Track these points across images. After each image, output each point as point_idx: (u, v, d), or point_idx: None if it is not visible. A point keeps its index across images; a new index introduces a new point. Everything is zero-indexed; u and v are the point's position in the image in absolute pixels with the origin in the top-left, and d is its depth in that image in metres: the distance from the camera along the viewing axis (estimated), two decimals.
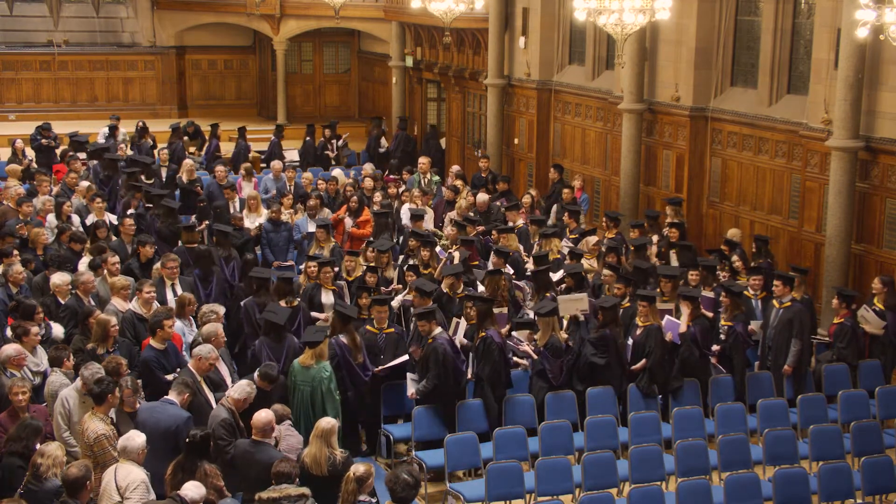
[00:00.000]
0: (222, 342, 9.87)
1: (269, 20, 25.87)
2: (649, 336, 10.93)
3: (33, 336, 9.76)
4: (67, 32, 26.89)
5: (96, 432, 8.18)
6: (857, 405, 10.87)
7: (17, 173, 16.77)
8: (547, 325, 10.74)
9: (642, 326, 10.99)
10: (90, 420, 8.28)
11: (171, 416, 8.43)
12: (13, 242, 12.52)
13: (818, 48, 14.19)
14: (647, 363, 10.89)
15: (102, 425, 8.24)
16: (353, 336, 10.43)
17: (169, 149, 19.29)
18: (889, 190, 13.43)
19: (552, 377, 10.63)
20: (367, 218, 15.41)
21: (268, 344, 10.30)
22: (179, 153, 19.45)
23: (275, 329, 10.31)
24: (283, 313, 10.55)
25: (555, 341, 10.68)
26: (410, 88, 25.12)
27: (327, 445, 8.19)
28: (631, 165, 17.32)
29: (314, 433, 8.29)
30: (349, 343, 10.37)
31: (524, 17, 20.41)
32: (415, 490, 7.31)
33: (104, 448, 8.14)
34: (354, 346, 10.39)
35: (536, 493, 9.28)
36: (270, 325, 10.36)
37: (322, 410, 9.57)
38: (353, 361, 10.36)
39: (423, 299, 11.21)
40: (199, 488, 7.30)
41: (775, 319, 11.54)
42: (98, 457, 8.12)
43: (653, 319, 11.02)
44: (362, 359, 10.45)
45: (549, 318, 10.74)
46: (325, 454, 8.15)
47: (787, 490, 9.10)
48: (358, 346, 10.43)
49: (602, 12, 12.82)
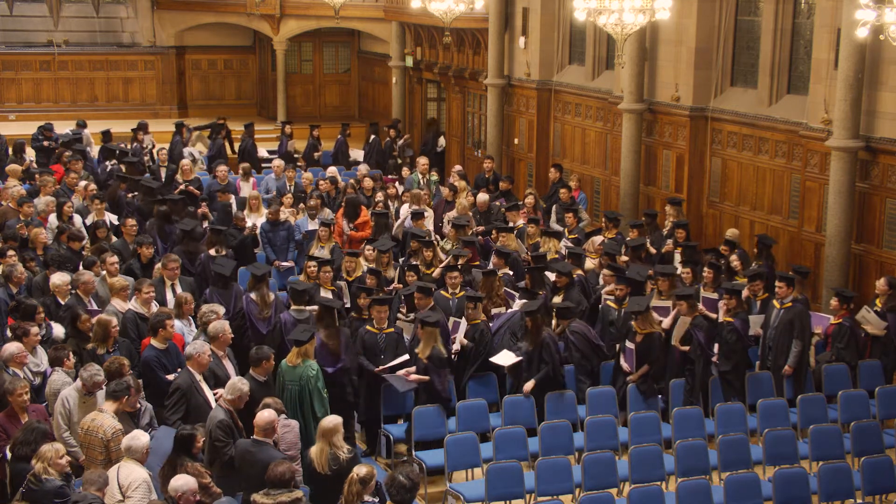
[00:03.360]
0: (229, 340, 9.87)
1: (269, 20, 25.87)
2: (652, 343, 10.88)
3: (33, 336, 9.76)
4: (67, 32, 26.88)
5: (113, 427, 8.19)
6: (857, 405, 10.86)
7: (18, 173, 16.76)
8: (430, 336, 10.46)
9: (642, 333, 10.92)
10: (102, 417, 8.28)
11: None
12: (13, 244, 12.52)
13: (818, 48, 14.20)
14: (649, 369, 10.88)
15: (115, 422, 8.26)
16: (264, 295, 11.43)
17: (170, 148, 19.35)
18: (889, 190, 13.44)
19: (440, 389, 10.42)
20: (365, 219, 15.37)
21: (217, 292, 11.61)
22: (178, 153, 19.46)
23: (222, 279, 11.73)
24: (228, 265, 12.06)
25: (437, 353, 10.46)
26: (410, 88, 25.12)
27: (330, 445, 8.19)
28: (631, 165, 17.32)
29: (318, 433, 8.31)
30: (257, 300, 11.45)
31: (524, 17, 20.41)
32: (411, 493, 7.29)
33: (120, 443, 8.12)
34: (264, 304, 11.44)
35: (536, 493, 9.28)
36: (218, 275, 11.83)
37: (311, 408, 9.60)
38: (257, 316, 11.38)
39: (426, 299, 11.26)
40: (188, 480, 7.28)
41: (776, 320, 11.52)
42: (113, 453, 8.12)
43: (650, 328, 10.94)
44: (268, 314, 11.38)
45: (432, 328, 10.49)
46: (327, 453, 8.16)
47: (787, 490, 9.11)
48: (268, 305, 11.43)
49: (602, 12, 12.81)
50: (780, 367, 11.39)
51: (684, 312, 11.20)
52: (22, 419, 8.48)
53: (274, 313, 11.46)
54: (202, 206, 15.63)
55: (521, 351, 10.77)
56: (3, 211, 14.28)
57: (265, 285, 11.71)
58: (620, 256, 13.42)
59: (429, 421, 10.28)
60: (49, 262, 12.38)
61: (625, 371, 10.99)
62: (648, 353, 10.90)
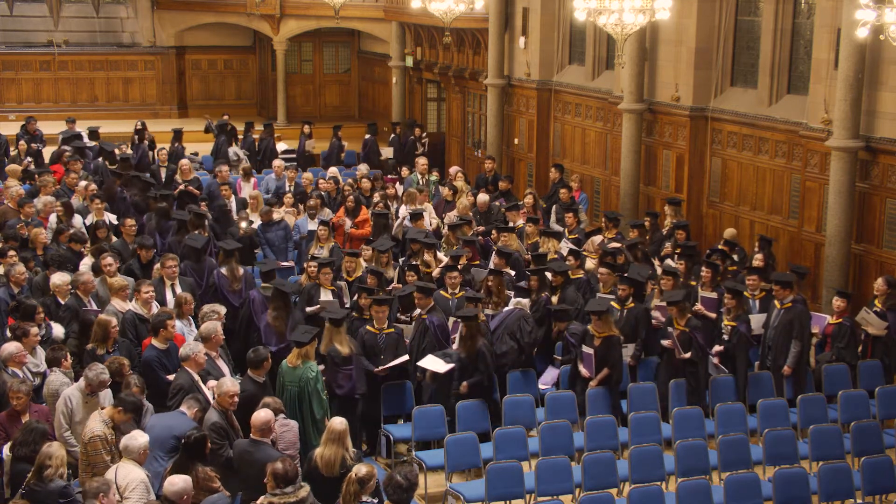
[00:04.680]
0: (221, 340, 9.88)
1: (269, 20, 25.88)
2: (610, 346, 10.67)
3: (33, 337, 9.75)
4: (67, 32, 26.90)
5: (92, 432, 8.18)
6: (857, 405, 10.86)
7: (18, 173, 16.77)
8: (329, 333, 10.39)
9: (600, 337, 10.67)
10: (91, 420, 8.29)
11: (184, 424, 8.48)
12: (14, 244, 12.52)
13: (818, 48, 14.20)
14: (609, 373, 10.68)
15: (101, 426, 8.23)
16: (234, 269, 12.08)
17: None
18: (889, 190, 13.44)
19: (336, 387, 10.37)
20: (364, 217, 15.39)
21: (191, 265, 12.41)
22: (179, 153, 19.45)
23: (195, 252, 12.53)
24: (200, 240, 12.78)
25: (333, 351, 10.35)
26: (410, 88, 25.13)
27: (343, 447, 8.14)
28: (631, 165, 17.32)
29: (328, 436, 8.22)
30: (227, 274, 12.16)
31: (524, 17, 20.41)
32: (408, 493, 7.26)
33: (97, 449, 8.14)
34: (234, 278, 12.15)
35: (536, 493, 9.28)
36: (191, 249, 12.59)
37: (310, 409, 9.59)
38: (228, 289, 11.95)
39: (426, 299, 11.26)
40: (184, 481, 7.27)
41: (776, 320, 11.52)
42: (90, 456, 8.12)
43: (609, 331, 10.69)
44: (238, 287, 12.08)
45: (337, 326, 10.41)
46: (340, 456, 8.11)
47: (787, 490, 9.10)
48: (237, 279, 12.14)
49: (602, 12, 12.82)
50: (780, 367, 11.39)
51: (675, 316, 11.11)
52: (22, 419, 8.48)
53: (244, 288, 12.10)
54: (202, 207, 15.62)
55: (451, 358, 10.54)
56: (3, 211, 14.28)
57: (234, 260, 12.30)
58: (620, 256, 13.43)
59: (429, 421, 10.29)
60: (49, 262, 12.38)
61: (583, 377, 10.76)
62: (607, 357, 10.66)
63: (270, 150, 20.79)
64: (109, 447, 8.19)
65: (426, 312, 11.16)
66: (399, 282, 12.83)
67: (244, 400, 8.85)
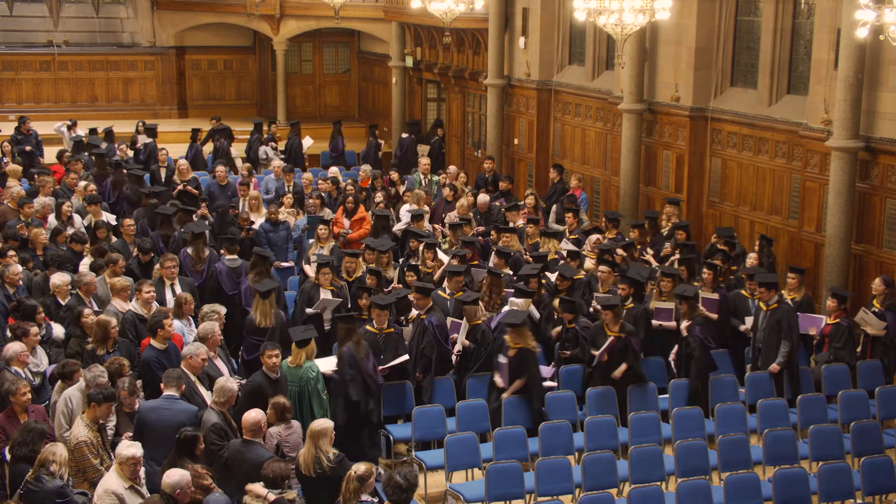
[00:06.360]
0: (219, 340, 9.89)
1: (269, 20, 25.87)
2: (524, 358, 10.54)
3: (33, 336, 9.77)
4: (67, 32, 26.88)
5: (77, 438, 8.19)
6: (857, 405, 10.87)
7: (18, 174, 16.77)
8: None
9: (515, 348, 10.52)
10: (75, 426, 8.30)
11: (183, 412, 8.50)
12: (14, 244, 12.52)
13: (818, 48, 14.20)
14: (522, 384, 10.53)
15: (86, 432, 8.23)
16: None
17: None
18: (889, 190, 13.44)
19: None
20: (361, 216, 15.36)
21: (160, 235, 13.56)
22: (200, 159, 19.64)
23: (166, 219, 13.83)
24: (171, 209, 14.13)
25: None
26: (410, 89, 25.12)
27: (316, 447, 8.16)
28: (631, 166, 17.31)
29: (308, 433, 8.31)
30: (192, 254, 12.62)
31: (524, 17, 20.41)
32: (407, 493, 7.28)
33: (83, 455, 8.16)
34: (198, 259, 12.66)
35: (536, 493, 9.28)
36: (162, 216, 13.84)
37: (310, 410, 9.60)
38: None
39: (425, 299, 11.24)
40: (179, 474, 7.27)
41: (763, 321, 11.58)
42: (78, 462, 8.12)
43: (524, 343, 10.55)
44: (201, 269, 12.55)
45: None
46: (312, 455, 8.15)
47: (787, 490, 9.11)
48: (202, 260, 12.61)
49: (602, 12, 12.82)
50: None
51: (684, 313, 11.16)
52: (21, 419, 8.49)
53: (207, 268, 12.76)
54: (201, 207, 15.64)
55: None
56: (3, 211, 14.29)
57: (202, 242, 12.90)
58: (619, 256, 13.43)
59: (429, 421, 10.29)
60: (49, 263, 12.38)
61: (498, 387, 10.60)
62: (520, 369, 10.52)
63: (295, 149, 20.77)
64: (97, 450, 8.21)
65: (425, 313, 11.15)
66: (399, 282, 12.83)
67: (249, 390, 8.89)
